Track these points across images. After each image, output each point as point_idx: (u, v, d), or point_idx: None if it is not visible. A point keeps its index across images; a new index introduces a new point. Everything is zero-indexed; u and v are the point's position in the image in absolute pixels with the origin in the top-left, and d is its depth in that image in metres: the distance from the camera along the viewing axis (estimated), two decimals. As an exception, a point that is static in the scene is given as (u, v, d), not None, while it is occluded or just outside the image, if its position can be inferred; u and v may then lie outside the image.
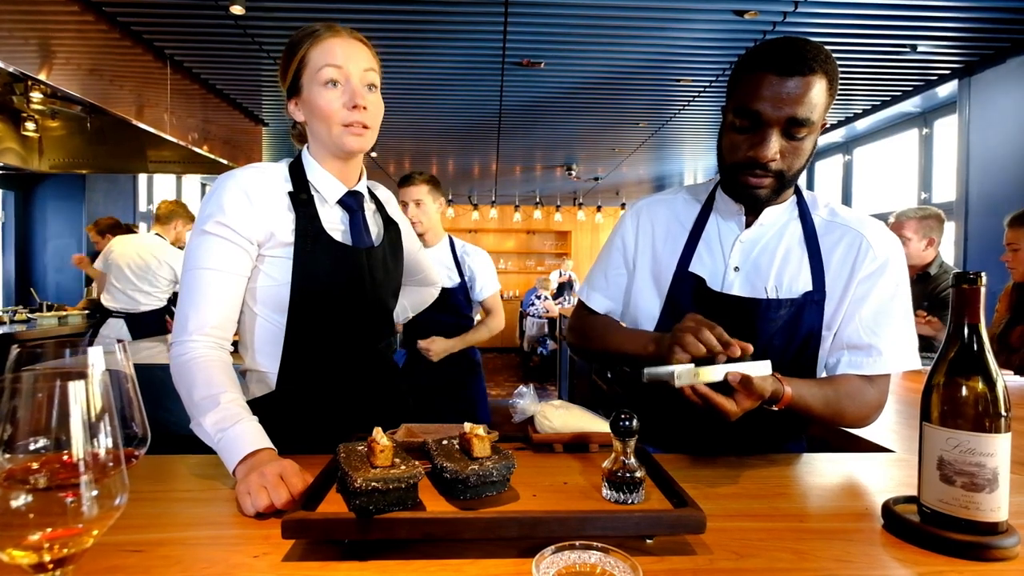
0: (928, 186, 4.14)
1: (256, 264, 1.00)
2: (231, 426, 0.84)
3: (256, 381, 1.05)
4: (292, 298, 1.00)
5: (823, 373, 1.04)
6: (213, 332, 0.95)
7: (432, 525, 0.64)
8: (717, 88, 3.90)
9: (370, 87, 1.00)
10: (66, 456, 0.44)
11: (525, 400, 1.04)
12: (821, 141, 4.91)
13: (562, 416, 1.01)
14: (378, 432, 0.73)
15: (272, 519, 0.73)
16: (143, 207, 6.05)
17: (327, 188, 1.05)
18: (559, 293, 8.19)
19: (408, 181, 2.27)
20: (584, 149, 5.94)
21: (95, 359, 0.53)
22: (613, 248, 1.18)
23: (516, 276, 10.20)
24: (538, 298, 7.83)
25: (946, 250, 3.15)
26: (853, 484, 0.92)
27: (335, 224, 1.05)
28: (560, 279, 8.61)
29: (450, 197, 8.90)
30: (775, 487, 0.88)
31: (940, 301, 2.52)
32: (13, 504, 0.42)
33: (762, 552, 0.66)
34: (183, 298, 0.96)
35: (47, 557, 0.43)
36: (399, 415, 1.14)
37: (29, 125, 3.63)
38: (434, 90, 4.01)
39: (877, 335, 0.98)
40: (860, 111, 4.37)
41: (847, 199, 4.98)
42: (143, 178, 6.06)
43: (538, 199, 9.47)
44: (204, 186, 7.14)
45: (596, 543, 0.58)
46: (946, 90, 3.73)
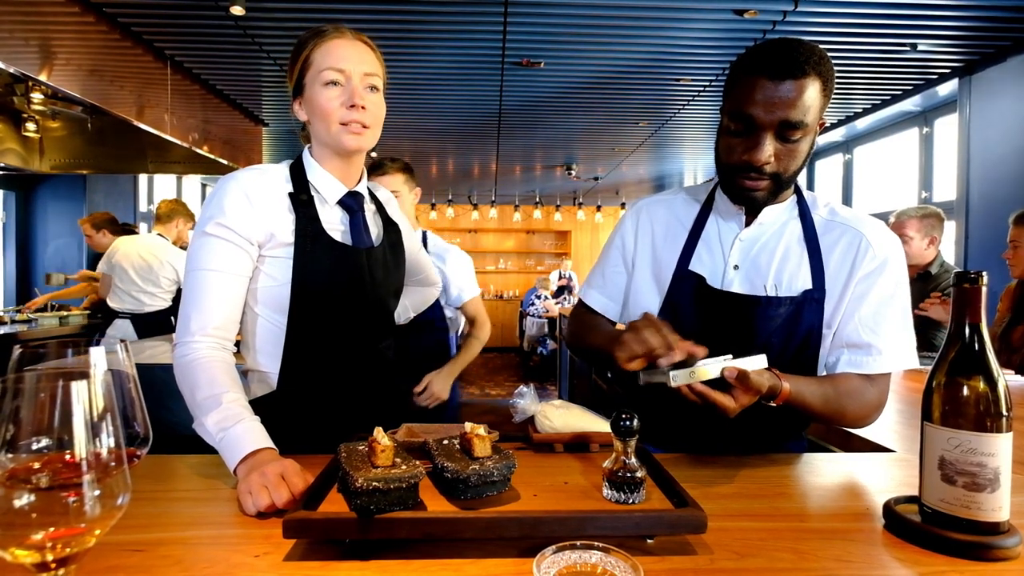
0: (929, 185, 4.13)
1: (257, 264, 1.01)
2: (233, 426, 0.85)
3: (257, 381, 1.06)
4: (292, 298, 1.00)
5: (823, 372, 1.04)
6: (216, 333, 0.95)
7: (433, 525, 0.65)
8: (717, 87, 3.90)
9: (371, 88, 1.00)
10: (68, 456, 0.44)
11: (525, 400, 1.04)
12: (821, 140, 4.91)
13: (562, 416, 1.01)
14: (379, 432, 0.73)
15: (273, 519, 0.73)
16: (143, 207, 6.05)
17: (327, 188, 1.05)
18: (559, 293, 8.19)
19: (380, 169, 1.88)
20: (584, 149, 5.94)
21: (97, 359, 0.53)
22: (613, 247, 1.19)
23: (516, 276, 10.20)
24: (538, 298, 7.83)
25: (947, 249, 3.16)
26: (854, 484, 0.92)
27: (335, 224, 1.06)
28: (560, 281, 8.60)
29: (450, 197, 8.91)
30: (776, 487, 0.88)
31: (941, 300, 2.52)
32: (16, 503, 0.42)
33: (763, 552, 0.67)
34: (186, 299, 0.97)
35: (50, 556, 0.44)
36: (400, 415, 1.14)
37: (30, 126, 3.63)
38: (434, 90, 4.02)
39: (877, 334, 0.98)
40: (860, 110, 4.36)
41: (847, 198, 4.97)
42: (143, 178, 6.07)
43: (538, 199, 9.46)
44: (204, 186, 7.14)
45: (597, 543, 0.58)
46: (946, 89, 3.73)
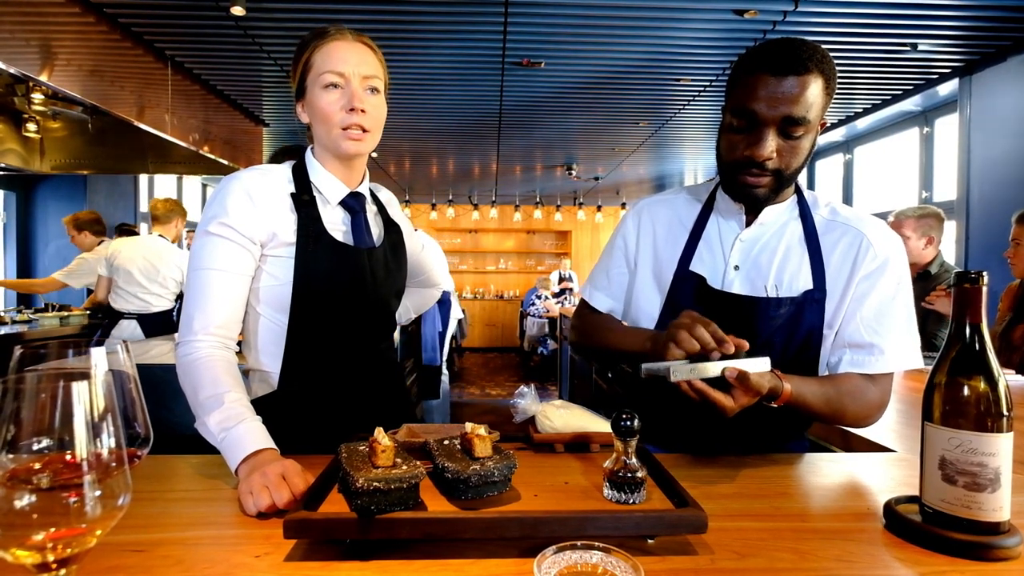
0: (929, 185, 4.13)
1: (259, 264, 1.01)
2: (234, 426, 0.85)
3: (259, 380, 1.06)
4: (294, 298, 1.00)
5: (825, 372, 1.03)
6: (218, 332, 0.95)
7: (433, 525, 0.65)
8: (717, 87, 3.90)
9: (371, 91, 1.00)
10: (69, 456, 0.44)
11: (526, 400, 1.04)
12: (821, 140, 4.90)
13: (563, 416, 1.01)
14: (379, 432, 0.73)
15: (274, 519, 0.73)
16: (144, 208, 6.05)
17: (329, 189, 1.05)
18: (559, 293, 8.18)
19: None
20: (584, 149, 5.94)
21: (98, 359, 0.53)
22: (615, 248, 1.19)
23: (516, 276, 10.20)
24: (538, 298, 7.83)
25: (947, 249, 3.15)
26: (854, 484, 0.92)
27: (337, 225, 1.06)
28: (561, 284, 8.59)
29: (450, 197, 8.91)
30: (776, 487, 0.88)
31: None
32: (17, 504, 0.42)
33: (763, 552, 0.66)
34: (188, 298, 0.97)
35: (51, 557, 0.44)
36: (400, 415, 1.14)
37: (30, 126, 3.64)
38: (434, 90, 4.02)
39: (879, 334, 0.98)
40: (861, 110, 4.36)
41: (848, 198, 4.97)
42: (144, 179, 6.07)
43: (538, 199, 9.46)
44: (205, 187, 7.15)
45: (597, 543, 0.58)
46: (947, 89, 3.73)
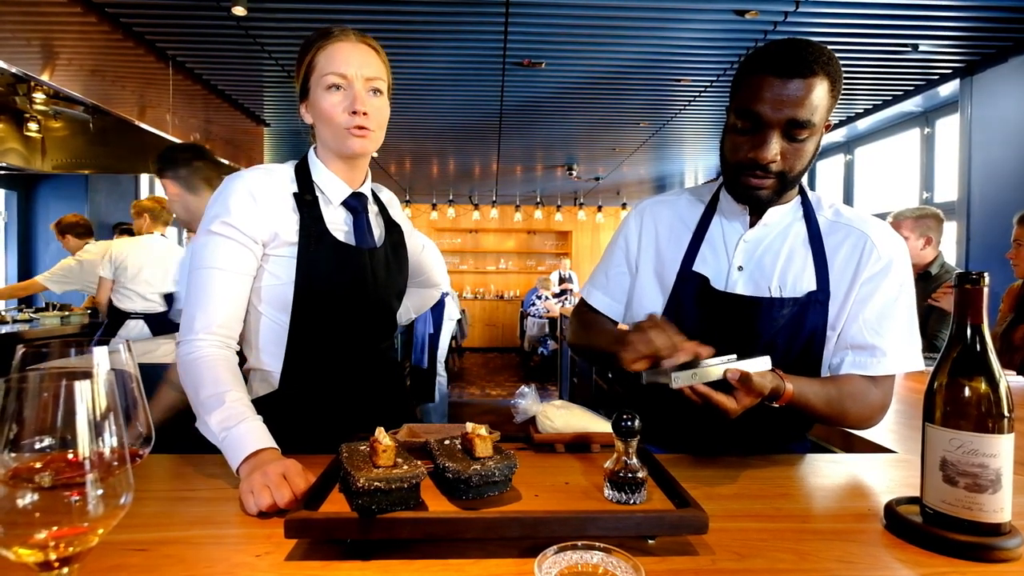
0: (930, 186, 4.13)
1: (261, 263, 1.01)
2: (235, 425, 0.85)
3: (260, 380, 1.06)
4: (295, 297, 1.00)
5: (827, 373, 1.03)
6: (219, 331, 0.95)
7: (434, 525, 0.65)
8: (718, 88, 3.90)
9: (374, 92, 1.00)
10: (71, 455, 0.44)
11: (527, 400, 1.04)
12: (822, 141, 4.87)
13: (564, 416, 1.01)
14: (380, 432, 0.73)
15: (275, 519, 0.73)
16: (144, 207, 6.05)
17: (332, 189, 1.05)
18: (560, 293, 8.18)
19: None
20: (585, 149, 5.94)
21: (100, 359, 0.53)
22: (616, 248, 1.19)
23: (517, 276, 10.20)
24: (539, 298, 7.82)
25: (948, 250, 3.15)
26: (855, 485, 0.92)
27: (339, 225, 1.06)
28: (561, 284, 8.59)
29: (451, 197, 8.91)
30: (777, 487, 0.88)
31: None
32: (19, 503, 0.42)
33: (764, 553, 0.66)
34: (190, 297, 0.97)
35: (53, 555, 0.44)
36: (401, 415, 1.14)
37: (32, 125, 3.64)
38: (435, 90, 4.02)
39: (881, 335, 0.98)
40: (861, 110, 4.36)
41: (848, 199, 4.97)
42: (144, 178, 6.07)
43: (539, 199, 9.46)
44: (206, 186, 7.13)
45: (598, 543, 0.58)
46: (948, 89, 3.73)
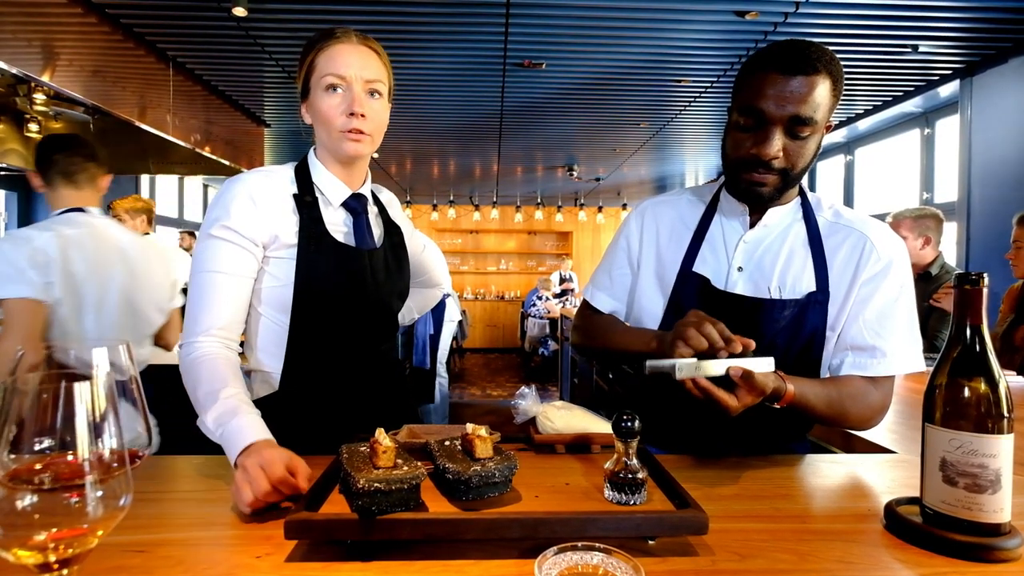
0: (930, 186, 4.13)
1: (261, 265, 1.01)
2: (230, 420, 0.84)
3: (260, 381, 1.06)
4: (295, 298, 1.00)
5: (827, 374, 1.03)
6: (220, 333, 0.96)
7: (434, 526, 0.65)
8: (718, 89, 3.90)
9: (373, 94, 1.00)
10: (71, 457, 0.44)
11: (527, 401, 1.04)
12: (823, 141, 4.87)
13: (564, 417, 1.01)
14: (380, 433, 0.73)
15: (275, 520, 0.73)
16: (145, 208, 6.05)
17: (332, 190, 1.05)
18: (560, 294, 8.18)
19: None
20: (585, 150, 5.94)
21: (99, 360, 0.53)
22: (618, 248, 1.19)
23: (517, 277, 10.20)
24: (540, 299, 7.82)
25: (948, 250, 3.15)
26: (855, 485, 0.92)
27: (338, 226, 1.06)
28: (562, 284, 8.59)
29: (451, 198, 8.91)
30: (777, 488, 0.88)
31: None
32: (19, 504, 0.42)
33: (764, 553, 0.67)
34: (191, 300, 0.97)
35: (52, 557, 0.44)
36: (401, 416, 1.14)
37: (32, 126, 3.63)
38: (436, 91, 4.02)
39: (881, 336, 0.98)
40: (862, 111, 4.36)
41: (849, 199, 4.97)
42: (145, 179, 6.07)
43: (539, 200, 9.46)
44: (206, 187, 7.15)
45: (598, 544, 0.58)
46: (948, 90, 3.73)
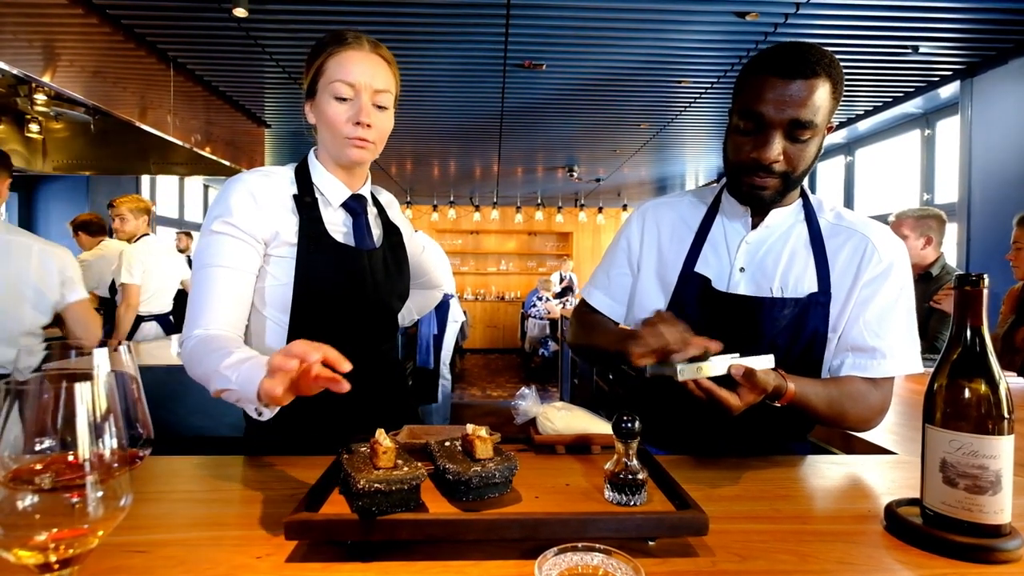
0: (931, 187, 4.13)
1: (262, 264, 1.01)
2: (246, 362, 0.80)
3: (260, 381, 1.05)
4: (295, 298, 1.00)
5: (827, 375, 1.03)
6: (222, 327, 0.95)
7: (434, 526, 0.65)
8: (718, 90, 3.90)
9: (379, 107, 1.00)
10: (72, 457, 0.44)
11: (527, 402, 1.04)
12: (824, 142, 4.87)
13: (564, 418, 1.01)
14: (380, 433, 0.73)
15: (274, 520, 0.73)
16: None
17: (332, 191, 1.05)
18: (561, 294, 8.18)
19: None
20: (586, 150, 5.94)
21: (100, 360, 0.53)
22: (618, 249, 1.19)
23: (517, 277, 10.20)
24: (540, 299, 7.82)
25: (948, 251, 3.15)
26: (855, 486, 0.92)
27: (338, 226, 1.06)
28: (563, 283, 8.59)
29: (451, 198, 8.91)
30: (777, 489, 0.88)
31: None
32: (19, 505, 0.42)
33: (764, 554, 0.67)
34: (193, 296, 0.97)
35: (53, 557, 0.44)
36: (401, 416, 1.14)
37: (33, 127, 3.64)
38: (436, 91, 4.02)
39: (881, 338, 0.98)
40: (862, 112, 4.36)
41: (849, 200, 4.97)
42: (146, 179, 6.08)
43: (540, 200, 9.46)
44: (207, 188, 7.16)
45: (598, 545, 0.58)
46: (948, 91, 3.73)
